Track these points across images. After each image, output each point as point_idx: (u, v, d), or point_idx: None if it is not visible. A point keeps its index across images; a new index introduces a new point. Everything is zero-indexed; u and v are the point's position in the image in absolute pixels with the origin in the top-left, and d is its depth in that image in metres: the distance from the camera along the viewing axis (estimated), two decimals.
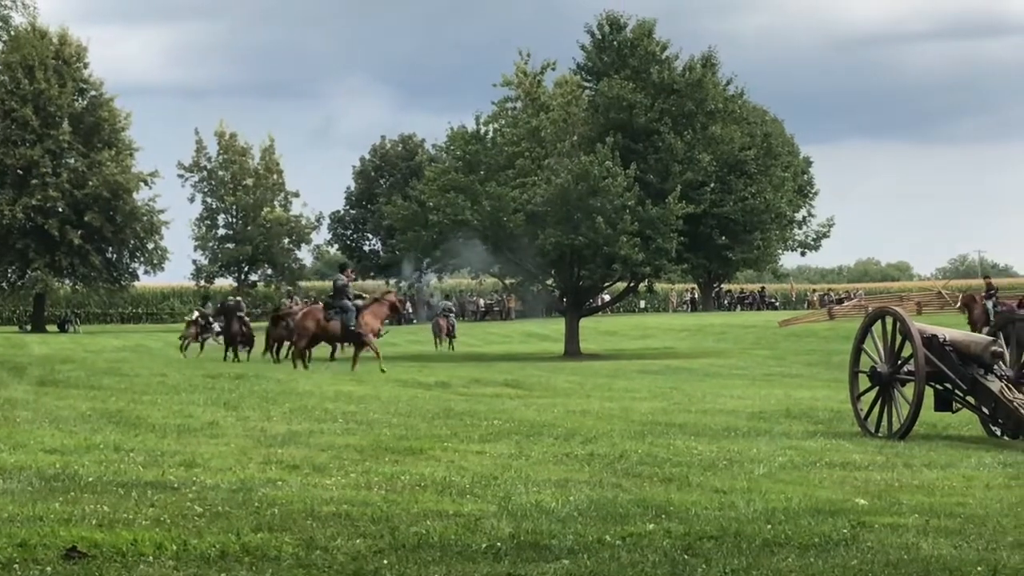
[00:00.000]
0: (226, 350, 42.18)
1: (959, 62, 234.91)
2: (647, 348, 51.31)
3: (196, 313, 48.80)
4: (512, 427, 16.29)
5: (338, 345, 38.40)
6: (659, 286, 73.13)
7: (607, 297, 62.56)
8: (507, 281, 58.59)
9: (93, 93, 78.49)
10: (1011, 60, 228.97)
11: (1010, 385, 15.97)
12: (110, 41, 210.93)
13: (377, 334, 33.18)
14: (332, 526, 8.92)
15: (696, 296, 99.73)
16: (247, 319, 43.77)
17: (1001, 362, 16.27)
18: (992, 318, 41.75)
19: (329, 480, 11.15)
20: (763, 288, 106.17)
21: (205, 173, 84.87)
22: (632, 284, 54.48)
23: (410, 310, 72.45)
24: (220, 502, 9.79)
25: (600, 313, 64.75)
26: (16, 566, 7.51)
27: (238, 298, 48.67)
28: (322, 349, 38.64)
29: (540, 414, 18.49)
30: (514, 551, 8.23)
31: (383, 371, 29.07)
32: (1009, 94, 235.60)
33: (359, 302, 33.03)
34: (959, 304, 48.01)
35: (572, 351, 48.93)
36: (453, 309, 59.75)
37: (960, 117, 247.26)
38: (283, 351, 39.82)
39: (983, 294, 45.61)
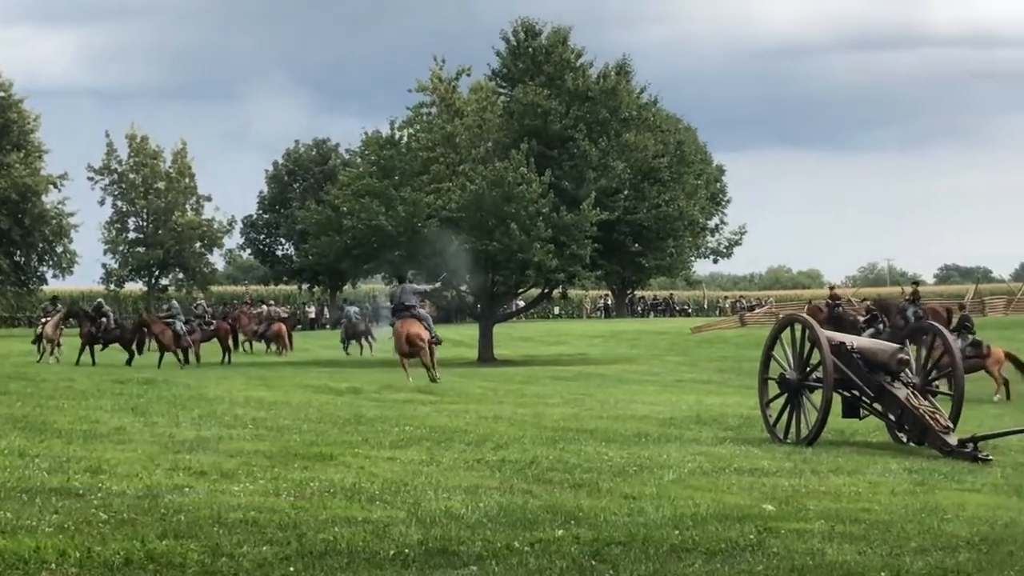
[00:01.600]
0: (80, 351, 41.74)
1: (868, 73, 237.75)
2: (560, 354, 51.41)
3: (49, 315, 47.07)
4: (423, 433, 16.25)
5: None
6: (573, 292, 73.33)
7: (521, 303, 62.64)
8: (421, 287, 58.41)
9: (2, 94, 77.40)
10: (918, 72, 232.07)
11: (916, 392, 16.17)
12: (23, 42, 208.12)
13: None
14: (239, 533, 8.85)
15: (610, 302, 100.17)
16: (113, 321, 43.24)
17: (908, 369, 16.49)
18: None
19: (237, 487, 11.06)
20: (671, 295, 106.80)
21: (116, 176, 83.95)
22: (546, 290, 54.58)
23: (327, 315, 72.04)
24: (126, 509, 9.69)
25: (514, 319, 64.83)
26: None
27: (100, 300, 48.76)
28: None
29: (452, 420, 18.47)
30: (422, 558, 8.22)
31: None
32: (916, 105, 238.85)
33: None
34: (865, 314, 48.53)
35: (486, 357, 48.92)
36: (359, 315, 59.78)
37: (869, 127, 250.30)
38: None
39: (904, 300, 46.01)
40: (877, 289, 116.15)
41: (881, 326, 38.64)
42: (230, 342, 46.60)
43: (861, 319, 39.66)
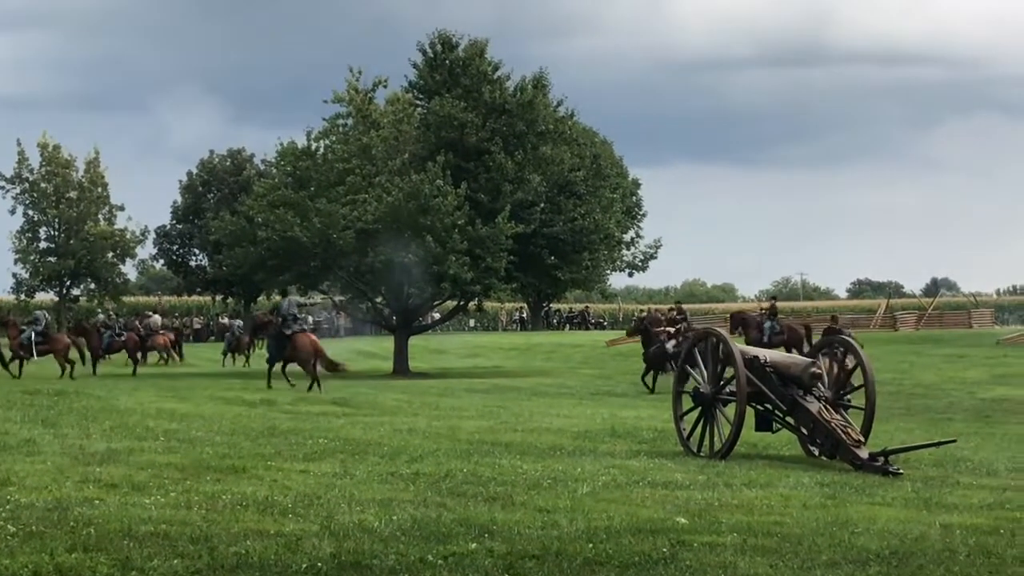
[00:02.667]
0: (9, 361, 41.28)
1: (783, 89, 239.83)
2: (476, 367, 51.42)
3: None
4: (338, 446, 16.20)
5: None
6: (489, 305, 73.41)
7: (437, 315, 62.52)
8: (336, 299, 58.25)
9: None
10: (832, 88, 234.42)
11: (828, 406, 16.31)
12: None
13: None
14: (150, 546, 8.78)
15: (525, 315, 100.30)
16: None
17: (820, 383, 16.63)
18: (769, 339, 43.01)
19: (148, 499, 10.96)
20: (587, 308, 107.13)
21: (27, 185, 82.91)
22: (462, 303, 54.59)
23: (239, 326, 71.31)
24: (34, 521, 9.58)
25: (429, 331, 64.74)
26: None
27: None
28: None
29: (366, 432, 18.42)
30: (335, 571, 8.19)
31: None
32: (830, 122, 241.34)
33: None
34: (731, 325, 48.95)
35: (401, 369, 48.81)
36: (241, 329, 60.30)
37: (784, 143, 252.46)
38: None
39: (760, 315, 46.50)
40: (791, 303, 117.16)
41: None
42: (138, 354, 46.38)
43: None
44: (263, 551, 8.67)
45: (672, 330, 38.03)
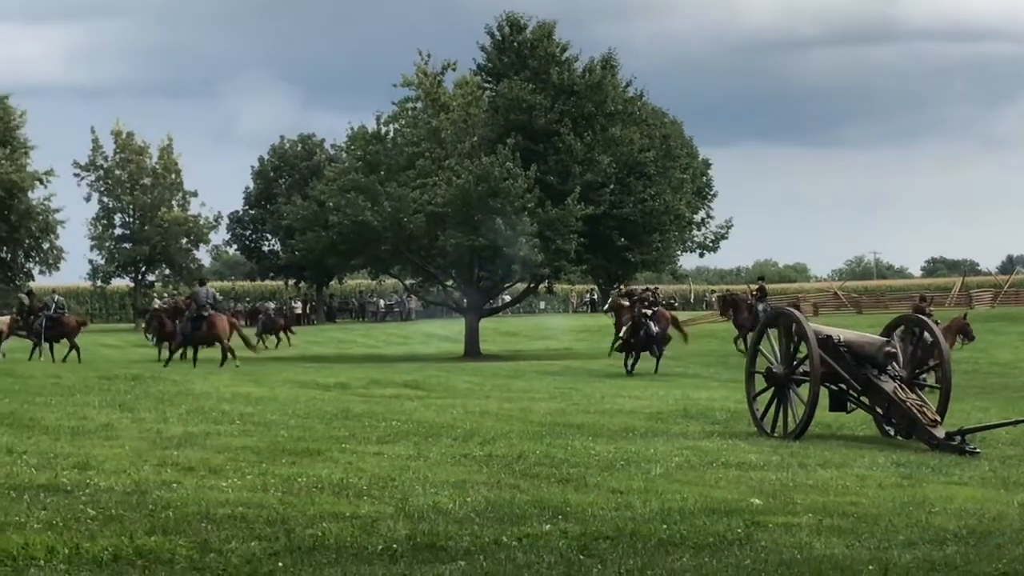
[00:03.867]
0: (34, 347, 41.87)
1: (851, 68, 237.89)
2: (547, 349, 51.47)
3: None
4: (411, 428, 16.26)
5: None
6: (559, 287, 73.37)
7: (507, 298, 62.59)
8: (407, 282, 58.47)
9: None
10: (900, 66, 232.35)
11: (903, 385, 16.19)
12: (8, 40, 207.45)
13: None
14: (227, 528, 8.85)
15: (596, 297, 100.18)
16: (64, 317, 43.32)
17: (894, 362, 16.51)
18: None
19: (225, 482, 11.06)
20: (656, 288, 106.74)
21: (101, 172, 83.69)
22: (532, 285, 54.62)
23: (272, 309, 71.32)
24: (114, 505, 9.68)
25: (500, 314, 64.80)
26: None
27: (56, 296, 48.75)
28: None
29: (439, 415, 18.47)
30: (410, 553, 8.22)
31: None
32: (900, 99, 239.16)
33: None
34: (719, 308, 48.36)
35: (472, 352, 48.93)
36: (276, 312, 61.69)
37: (853, 122, 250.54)
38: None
39: (752, 296, 46.05)
40: (865, 282, 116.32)
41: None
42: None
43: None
44: (339, 533, 8.72)
45: (649, 312, 37.55)
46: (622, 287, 47.25)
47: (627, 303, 41.10)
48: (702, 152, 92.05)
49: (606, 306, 46.18)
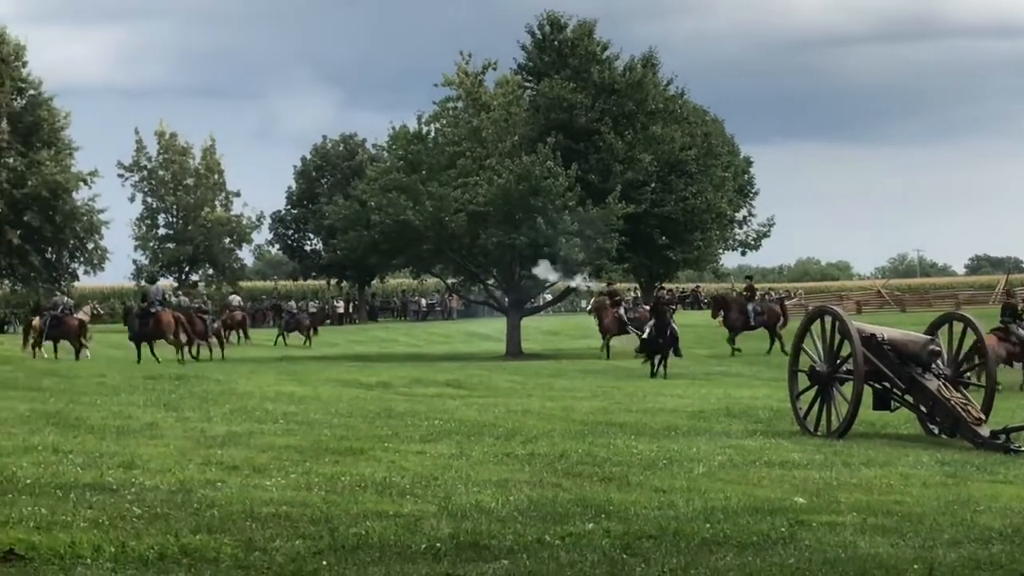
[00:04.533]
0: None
1: (894, 65, 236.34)
2: (588, 347, 51.29)
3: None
4: (453, 427, 16.29)
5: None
6: (600, 286, 73.27)
7: (548, 297, 62.50)
8: (449, 281, 58.54)
9: (32, 92, 77.55)
10: (942, 63, 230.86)
11: (947, 384, 16.11)
12: (52, 42, 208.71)
13: None
14: (272, 527, 8.90)
15: (638, 295, 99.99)
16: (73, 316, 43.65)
17: (938, 361, 16.42)
18: (752, 321, 42.63)
19: (269, 481, 11.11)
20: (698, 287, 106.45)
21: (145, 173, 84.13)
22: (573, 284, 54.58)
23: (295, 308, 71.27)
24: (159, 504, 9.75)
25: (541, 313, 64.71)
26: None
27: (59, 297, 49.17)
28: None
29: (481, 414, 18.50)
30: (454, 551, 8.24)
31: None
32: (944, 97, 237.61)
33: None
34: (713, 309, 48.19)
35: (513, 351, 48.90)
36: (299, 310, 62.75)
37: (896, 119, 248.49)
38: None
39: (742, 296, 45.79)
40: (908, 280, 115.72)
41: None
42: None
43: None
44: (383, 531, 8.76)
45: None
46: (605, 287, 47.31)
47: (609, 303, 41.65)
48: (743, 150, 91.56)
49: (588, 307, 46.32)
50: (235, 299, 64.58)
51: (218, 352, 43.53)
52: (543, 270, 46.68)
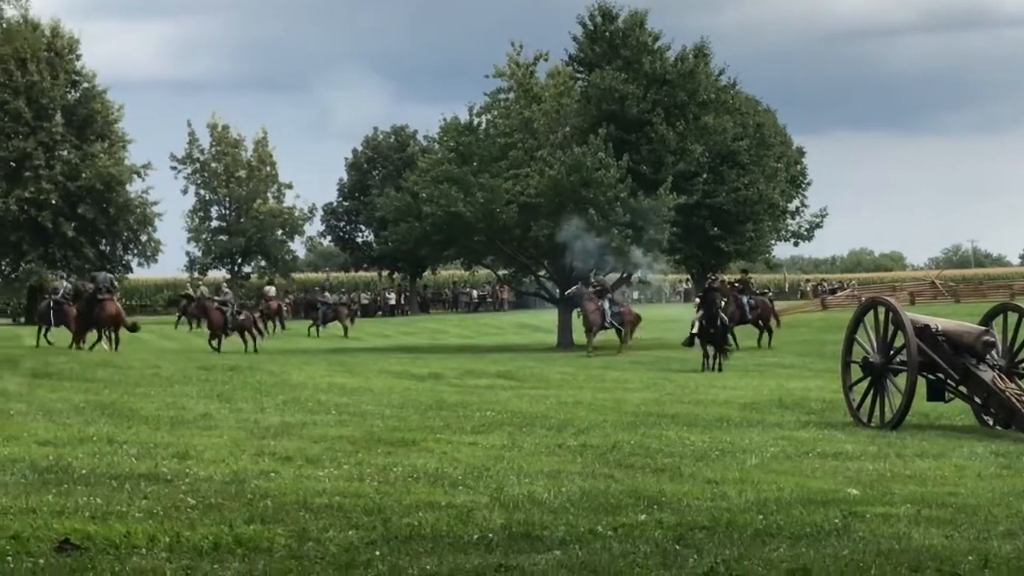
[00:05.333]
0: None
1: (945, 55, 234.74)
2: (640, 339, 51.26)
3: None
4: (505, 418, 16.31)
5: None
6: (652, 277, 73.09)
7: None
8: (500, 272, 58.56)
9: (86, 85, 78.20)
10: (996, 53, 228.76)
11: (1002, 375, 15.98)
12: (108, 36, 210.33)
13: None
14: (325, 517, 8.93)
15: (689, 286, 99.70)
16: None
17: (993, 352, 16.30)
18: (748, 313, 42.32)
19: (322, 472, 11.16)
20: (750, 278, 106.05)
21: (198, 165, 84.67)
22: (624, 275, 54.46)
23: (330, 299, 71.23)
24: (213, 494, 9.81)
25: None
26: (9, 558, 7.51)
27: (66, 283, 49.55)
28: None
29: (533, 405, 18.51)
30: (506, 542, 8.24)
31: None
32: (995, 87, 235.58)
33: None
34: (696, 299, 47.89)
35: (565, 342, 48.83)
36: (337, 301, 63.07)
37: (948, 109, 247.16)
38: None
39: (734, 287, 45.28)
40: (962, 271, 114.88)
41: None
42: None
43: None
44: (435, 522, 8.78)
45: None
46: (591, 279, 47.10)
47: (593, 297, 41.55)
48: (796, 140, 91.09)
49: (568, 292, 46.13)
50: (271, 290, 65.88)
51: (250, 344, 42.96)
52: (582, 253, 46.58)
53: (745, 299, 43.11)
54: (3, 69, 73.65)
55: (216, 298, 46.23)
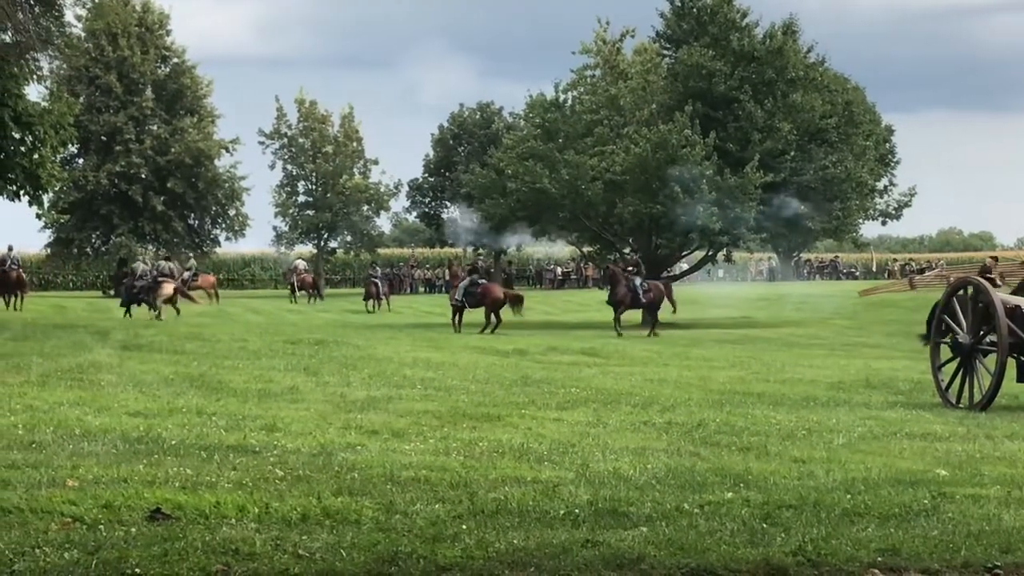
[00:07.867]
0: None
1: None
2: (725, 317, 51.09)
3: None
4: (589, 395, 16.32)
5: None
6: (737, 255, 72.69)
7: (685, 266, 62.14)
8: (584, 249, 58.50)
9: (175, 60, 79.02)
10: None
11: None
12: (198, 12, 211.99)
13: None
14: (411, 491, 8.99)
15: (775, 265, 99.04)
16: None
17: None
18: (642, 298, 41.84)
19: (408, 446, 11.23)
20: (837, 257, 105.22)
21: (285, 140, 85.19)
22: (710, 253, 54.21)
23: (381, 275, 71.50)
24: (301, 466, 9.90)
25: (678, 281, 64.39)
26: (101, 527, 7.63)
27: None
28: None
29: (618, 382, 18.50)
30: (592, 518, 8.26)
31: None
32: None
33: None
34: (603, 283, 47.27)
35: (649, 320, 48.75)
36: (383, 277, 63.84)
37: None
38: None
39: (628, 270, 44.59)
40: None
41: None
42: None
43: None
44: (521, 497, 8.80)
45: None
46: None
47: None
48: (885, 118, 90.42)
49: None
50: (301, 263, 67.36)
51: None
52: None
53: (638, 281, 42.26)
54: (95, 44, 74.54)
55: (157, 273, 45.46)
